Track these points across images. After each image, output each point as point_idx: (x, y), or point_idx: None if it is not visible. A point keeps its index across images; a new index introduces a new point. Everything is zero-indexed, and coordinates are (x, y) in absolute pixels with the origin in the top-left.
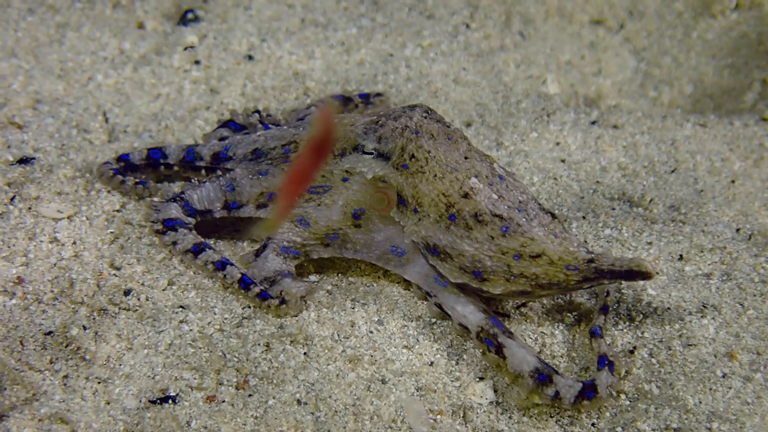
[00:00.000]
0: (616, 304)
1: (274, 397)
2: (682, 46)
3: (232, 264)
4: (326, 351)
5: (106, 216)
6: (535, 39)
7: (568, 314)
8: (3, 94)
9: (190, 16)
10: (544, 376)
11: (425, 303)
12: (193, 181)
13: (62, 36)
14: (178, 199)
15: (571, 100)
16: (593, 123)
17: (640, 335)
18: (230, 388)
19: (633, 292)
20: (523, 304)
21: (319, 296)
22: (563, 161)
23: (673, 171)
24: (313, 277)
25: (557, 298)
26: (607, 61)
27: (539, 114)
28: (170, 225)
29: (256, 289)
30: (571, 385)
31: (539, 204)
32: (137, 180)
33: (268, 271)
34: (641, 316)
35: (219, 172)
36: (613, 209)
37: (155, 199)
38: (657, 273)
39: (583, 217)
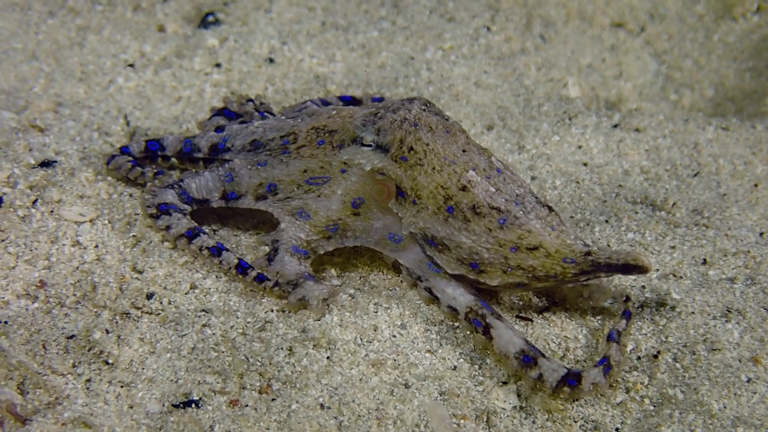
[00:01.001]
0: (640, 308)
1: (297, 402)
2: (703, 49)
3: (227, 249)
4: (349, 355)
5: (128, 219)
6: (555, 42)
7: (592, 318)
8: (24, 97)
9: (210, 19)
10: (529, 357)
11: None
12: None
13: (83, 39)
14: (175, 186)
15: (592, 104)
16: (615, 126)
17: (664, 339)
18: (253, 392)
19: (656, 296)
20: (547, 308)
21: (341, 299)
22: (585, 165)
23: (695, 174)
24: (335, 281)
25: (580, 302)
26: (627, 64)
27: (561, 117)
28: (164, 209)
29: (253, 273)
30: (555, 369)
31: (536, 197)
32: (156, 170)
33: (289, 274)
34: (665, 320)
35: (217, 163)
36: (636, 213)
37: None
38: (654, 267)
39: (606, 221)
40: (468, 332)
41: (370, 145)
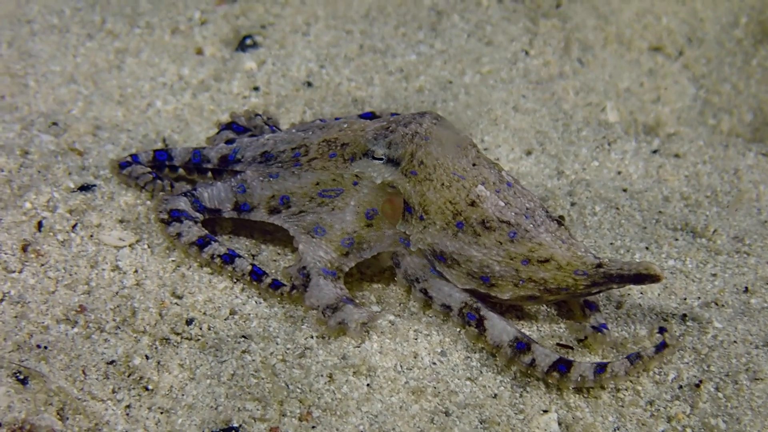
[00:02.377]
0: (681, 336)
1: (337, 429)
2: (742, 74)
3: (239, 256)
4: (389, 382)
5: (168, 244)
6: (594, 66)
7: (633, 347)
8: (63, 120)
9: (248, 42)
10: (522, 344)
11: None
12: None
13: (121, 62)
14: (188, 194)
15: (630, 128)
16: (654, 152)
17: (706, 369)
18: (293, 419)
19: (698, 324)
20: (585, 338)
21: (381, 326)
22: (625, 191)
23: (728, 206)
24: (375, 307)
25: (622, 330)
26: (666, 88)
27: (600, 142)
28: (176, 216)
29: (268, 280)
30: (548, 354)
31: (546, 211)
32: (169, 182)
33: (328, 299)
34: (707, 349)
35: (228, 175)
36: (677, 240)
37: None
38: (665, 276)
39: (647, 248)
40: (459, 328)
41: (381, 159)
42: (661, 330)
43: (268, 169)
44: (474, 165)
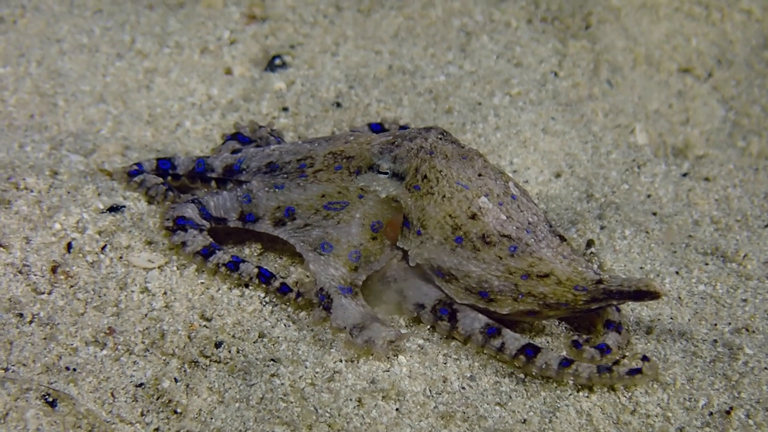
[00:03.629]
0: (711, 363)
1: None
2: None
3: (244, 260)
4: (418, 407)
5: (197, 266)
6: (623, 87)
7: (663, 372)
8: (92, 140)
9: (278, 62)
10: (493, 329)
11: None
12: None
13: (150, 81)
14: (196, 201)
15: (659, 150)
16: (684, 175)
17: (736, 395)
18: None
19: (729, 350)
20: (616, 363)
21: (409, 346)
22: (655, 214)
23: (767, 226)
24: (404, 330)
25: (652, 356)
26: (695, 110)
27: (630, 165)
28: (181, 224)
29: (277, 283)
30: (517, 338)
31: (550, 226)
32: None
33: (354, 318)
34: (738, 375)
35: (230, 185)
36: (707, 264)
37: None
38: (665, 293)
39: (677, 273)
40: (430, 326)
41: (386, 173)
42: (644, 358)
43: (273, 180)
44: (480, 175)
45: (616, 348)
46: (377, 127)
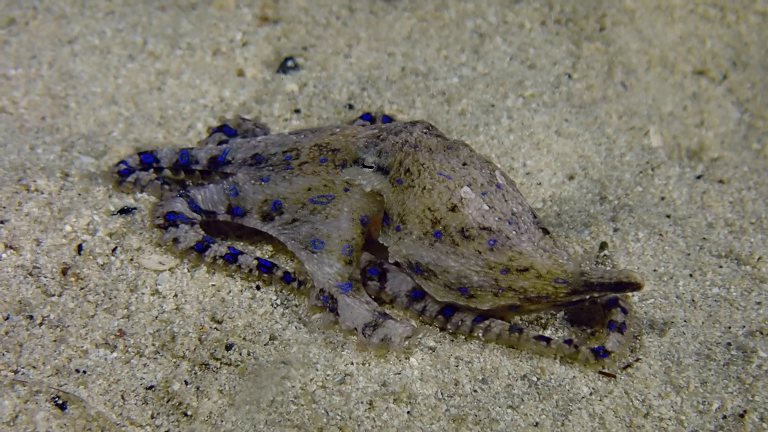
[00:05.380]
0: (725, 366)
1: None
2: None
3: (241, 252)
4: (430, 410)
5: (207, 267)
6: (637, 89)
7: (677, 375)
8: (103, 142)
9: (290, 63)
10: (418, 293)
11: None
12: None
13: (162, 83)
14: (183, 195)
15: (673, 152)
16: (698, 177)
17: (750, 398)
18: None
19: (743, 353)
20: (629, 365)
21: (424, 342)
22: (668, 217)
23: None
24: (415, 324)
25: (666, 359)
26: (709, 112)
27: (643, 167)
28: (171, 219)
29: (279, 273)
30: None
31: (535, 217)
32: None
33: (364, 317)
34: (752, 378)
35: (218, 176)
36: (721, 267)
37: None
38: (645, 283)
39: (690, 275)
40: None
41: (371, 167)
42: (568, 342)
43: (259, 172)
44: (464, 164)
45: (618, 349)
46: (368, 117)
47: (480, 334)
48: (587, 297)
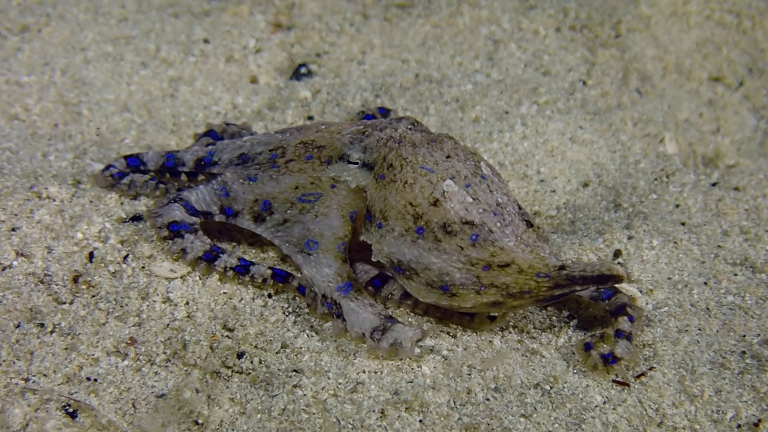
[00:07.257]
0: (740, 375)
1: None
2: None
3: (253, 263)
4: (442, 419)
5: (219, 276)
6: (652, 96)
7: (691, 384)
8: (116, 149)
9: (303, 70)
10: (378, 281)
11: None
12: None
13: (175, 90)
14: (177, 199)
15: (689, 160)
16: (714, 185)
17: (765, 407)
18: None
19: (757, 362)
20: (642, 374)
21: (436, 350)
22: (683, 224)
23: None
24: (429, 341)
25: (680, 367)
26: (725, 119)
27: (658, 175)
28: (175, 230)
29: (295, 283)
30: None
31: (520, 208)
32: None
33: (371, 321)
34: (766, 387)
35: (205, 177)
36: (736, 275)
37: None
38: (626, 276)
39: (705, 283)
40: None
41: (356, 163)
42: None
43: (246, 171)
44: (448, 157)
45: (626, 356)
46: (370, 118)
47: (408, 311)
48: (569, 291)
